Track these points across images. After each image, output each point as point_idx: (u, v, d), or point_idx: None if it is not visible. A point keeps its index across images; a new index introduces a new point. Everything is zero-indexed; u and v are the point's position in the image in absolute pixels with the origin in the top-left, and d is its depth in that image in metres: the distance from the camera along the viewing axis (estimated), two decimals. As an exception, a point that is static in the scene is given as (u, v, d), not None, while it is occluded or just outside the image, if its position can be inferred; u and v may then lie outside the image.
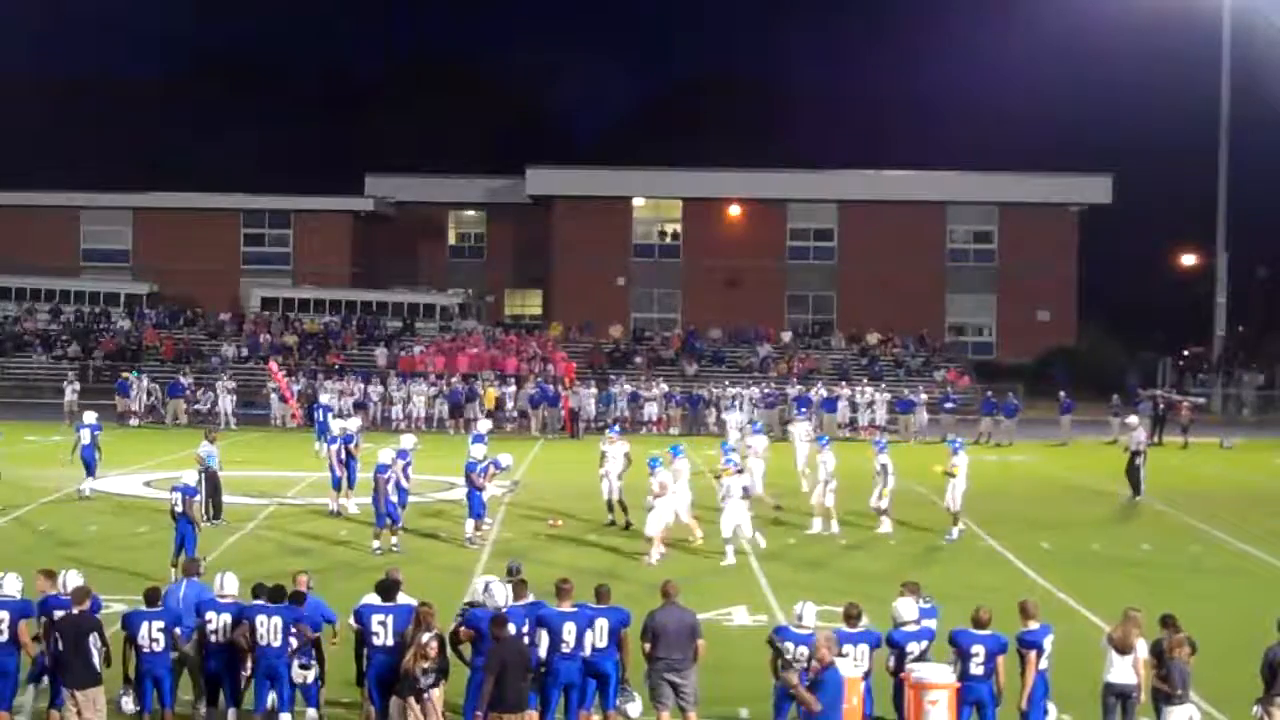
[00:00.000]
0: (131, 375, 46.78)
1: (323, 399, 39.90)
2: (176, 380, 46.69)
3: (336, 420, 30.39)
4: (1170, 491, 31.55)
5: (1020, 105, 78.37)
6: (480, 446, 24.44)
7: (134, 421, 44.82)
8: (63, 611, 13.26)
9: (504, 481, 27.72)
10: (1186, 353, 65.01)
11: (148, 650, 13.18)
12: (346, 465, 26.41)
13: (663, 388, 47.58)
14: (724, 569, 21.93)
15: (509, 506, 27.53)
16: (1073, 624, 17.61)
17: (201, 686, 13.68)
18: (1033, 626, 13.03)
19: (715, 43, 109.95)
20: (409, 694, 12.45)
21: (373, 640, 13.19)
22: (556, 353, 54.04)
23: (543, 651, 13.18)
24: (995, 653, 12.77)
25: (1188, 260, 73.39)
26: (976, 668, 12.68)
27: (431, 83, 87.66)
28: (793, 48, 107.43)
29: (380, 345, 56.37)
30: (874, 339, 59.26)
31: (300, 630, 13.37)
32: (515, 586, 13.66)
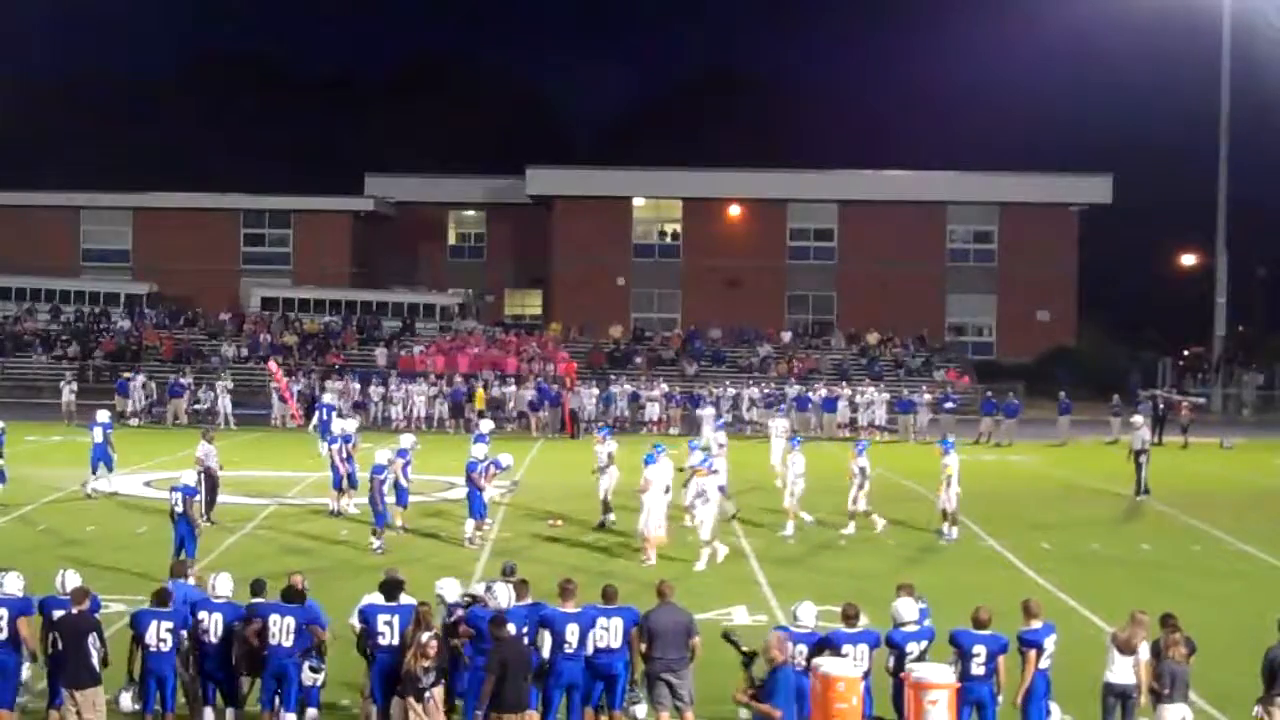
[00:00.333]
0: (131, 375, 46.82)
1: (326, 399, 39.89)
2: (176, 380, 46.70)
3: (339, 420, 30.40)
4: (1170, 491, 31.52)
5: (1020, 105, 78.54)
6: (482, 446, 24.46)
7: (134, 421, 44.81)
8: (62, 611, 13.24)
9: (503, 481, 27.71)
10: (1186, 353, 65.02)
11: (154, 650, 13.16)
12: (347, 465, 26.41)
13: (663, 388, 47.60)
14: (723, 569, 21.88)
15: (509, 507, 27.52)
16: (1072, 624, 17.60)
17: (197, 693, 13.61)
18: (1035, 626, 13.02)
19: (716, 42, 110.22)
20: (411, 694, 12.45)
21: (378, 640, 13.16)
22: (557, 353, 54.03)
23: (545, 652, 13.16)
24: (996, 653, 12.76)
25: (1188, 260, 73.43)
26: (977, 668, 12.68)
27: (431, 83, 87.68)
28: (793, 47, 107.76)
29: (380, 345, 56.38)
30: (874, 339, 59.26)
31: (313, 631, 13.38)
32: (517, 587, 13.65)
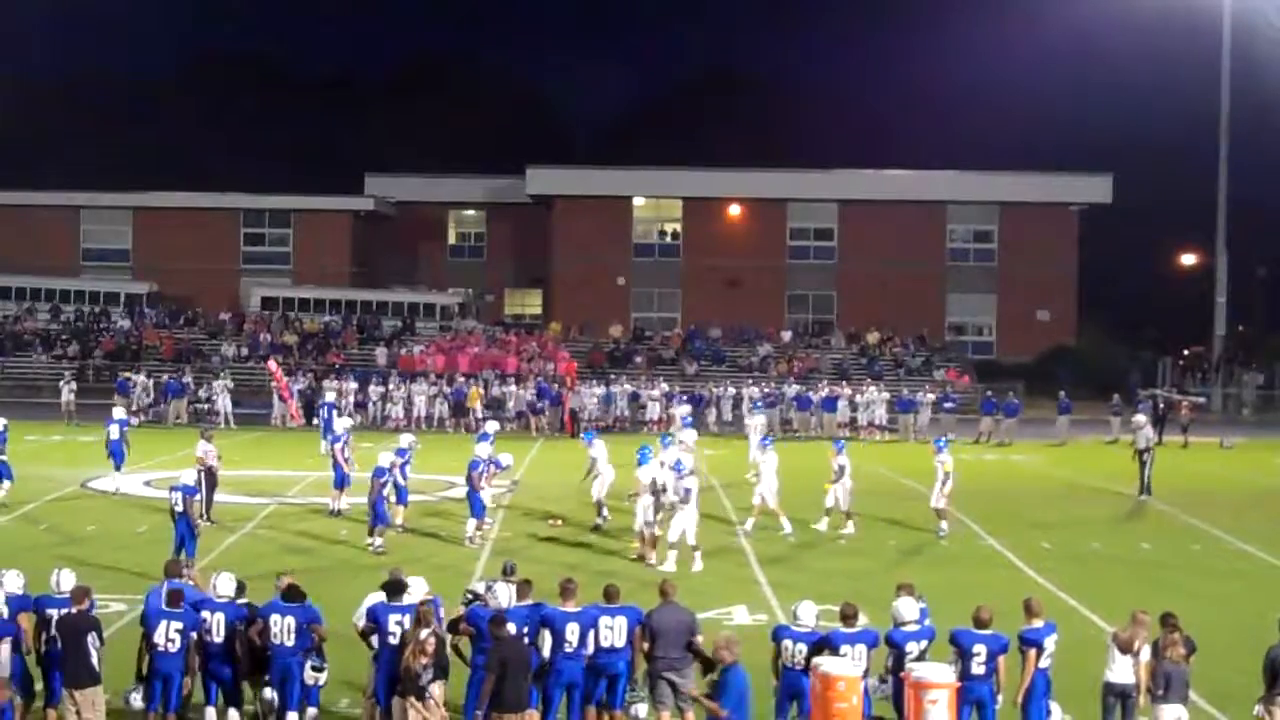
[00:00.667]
0: (131, 375, 46.81)
1: (328, 397, 39.88)
2: (176, 380, 46.66)
3: (340, 419, 30.39)
4: (1170, 491, 31.48)
5: (1020, 105, 78.55)
6: (485, 445, 24.45)
7: (135, 421, 44.74)
8: (58, 610, 13.22)
9: (503, 481, 27.70)
10: (1186, 352, 65.00)
11: (162, 650, 13.14)
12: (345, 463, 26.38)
13: (663, 387, 47.57)
14: (723, 569, 21.88)
15: (508, 508, 27.49)
16: (1073, 623, 17.59)
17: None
18: (1036, 625, 13.03)
19: (716, 42, 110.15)
20: (411, 692, 12.44)
21: (388, 640, 13.14)
22: (557, 352, 54.01)
23: (546, 651, 13.16)
24: (996, 652, 12.77)
25: (1188, 260, 73.40)
26: (978, 667, 12.68)
27: (431, 83, 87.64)
28: (793, 47, 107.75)
29: (380, 345, 56.36)
30: (874, 339, 59.25)
31: (315, 631, 13.38)
32: (520, 587, 13.65)
